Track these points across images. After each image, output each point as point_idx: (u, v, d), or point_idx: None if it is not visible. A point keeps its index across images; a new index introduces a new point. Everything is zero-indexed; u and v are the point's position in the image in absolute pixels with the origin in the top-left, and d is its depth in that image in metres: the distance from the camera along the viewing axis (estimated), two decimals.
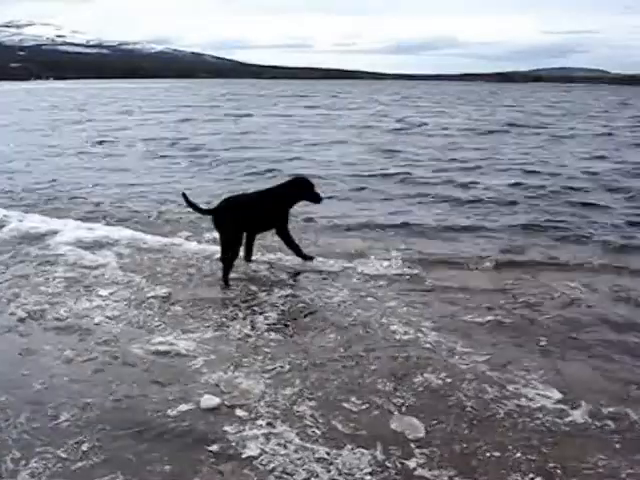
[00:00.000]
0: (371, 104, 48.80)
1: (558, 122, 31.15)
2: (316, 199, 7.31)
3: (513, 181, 13.60)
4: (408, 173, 14.60)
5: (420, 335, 5.42)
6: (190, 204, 6.90)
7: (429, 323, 5.68)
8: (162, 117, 32.96)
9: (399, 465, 3.64)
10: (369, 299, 6.28)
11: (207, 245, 7.94)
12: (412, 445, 3.84)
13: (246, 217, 6.79)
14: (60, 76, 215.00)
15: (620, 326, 5.79)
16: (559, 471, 3.62)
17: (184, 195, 6.89)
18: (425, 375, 4.72)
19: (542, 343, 5.37)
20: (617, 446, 3.89)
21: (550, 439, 3.95)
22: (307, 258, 7.32)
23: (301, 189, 7.21)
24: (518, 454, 3.78)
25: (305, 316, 5.88)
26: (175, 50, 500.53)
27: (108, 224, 9.22)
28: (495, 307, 6.14)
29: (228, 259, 6.63)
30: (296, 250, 7.30)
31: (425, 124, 29.08)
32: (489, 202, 11.59)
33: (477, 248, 8.39)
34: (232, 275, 6.67)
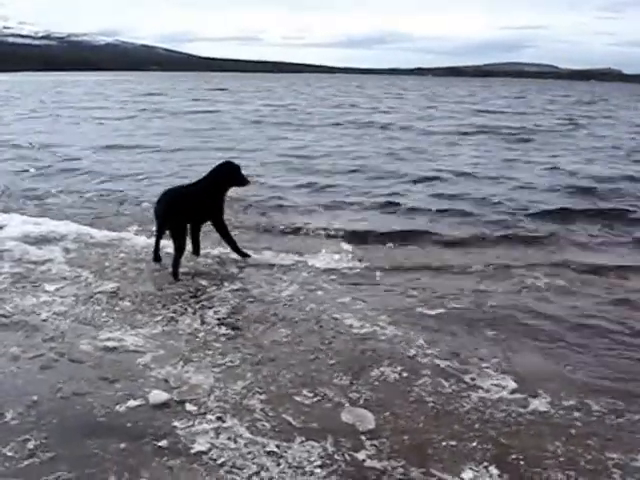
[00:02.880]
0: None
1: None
2: (243, 182, 7.19)
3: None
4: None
5: (377, 328, 5.44)
6: None
7: (384, 316, 5.70)
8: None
9: (349, 457, 3.64)
10: (320, 293, 6.28)
11: None
12: (362, 437, 3.85)
13: (186, 208, 6.74)
14: (6, 69, 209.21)
15: (567, 314, 5.96)
16: (521, 462, 3.66)
17: None
18: (381, 368, 4.74)
19: (493, 332, 5.46)
20: (573, 432, 3.96)
21: (507, 429, 4.00)
22: (243, 254, 7.25)
23: (230, 174, 7.10)
24: (474, 443, 3.82)
25: (256, 310, 5.85)
26: (125, 42, 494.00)
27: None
28: (446, 298, 6.21)
29: (177, 251, 6.56)
30: (232, 244, 7.26)
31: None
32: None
33: (423, 242, 8.56)
34: (181, 269, 6.60)
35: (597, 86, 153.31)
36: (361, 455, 3.68)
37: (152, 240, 7.34)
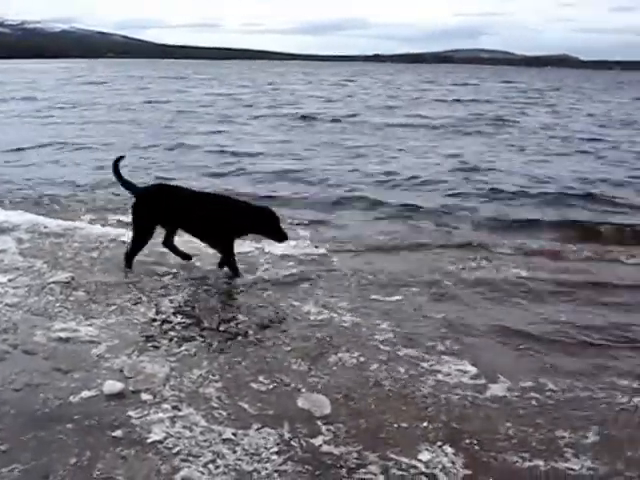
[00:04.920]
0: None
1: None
2: (281, 237, 6.51)
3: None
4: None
5: (334, 315, 5.46)
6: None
7: (342, 302, 5.72)
8: None
9: (305, 443, 3.64)
10: (278, 280, 6.27)
11: (111, 228, 7.77)
12: (319, 422, 3.85)
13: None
14: None
15: (521, 297, 6.09)
16: (475, 445, 3.69)
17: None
18: (339, 354, 4.76)
19: (452, 318, 5.50)
20: (526, 414, 4.02)
21: (464, 412, 4.04)
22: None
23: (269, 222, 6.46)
24: (429, 426, 3.84)
25: (212, 298, 5.81)
26: (80, 29, 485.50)
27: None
28: (403, 284, 6.25)
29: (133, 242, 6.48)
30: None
31: None
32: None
33: (379, 229, 8.62)
34: (137, 258, 6.53)
35: (551, 72, 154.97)
36: (317, 441, 3.68)
37: (107, 229, 7.25)
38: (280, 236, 6.37)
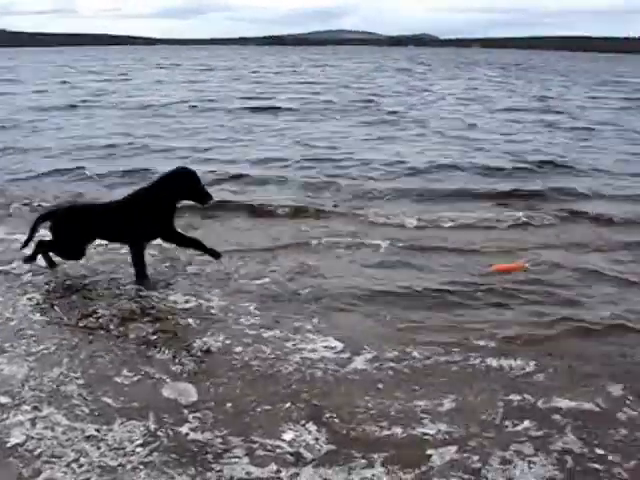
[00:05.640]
0: None
1: None
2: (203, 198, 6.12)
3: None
4: None
5: (202, 302, 5.47)
6: None
7: (209, 290, 5.72)
8: None
9: (171, 432, 3.63)
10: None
11: None
12: (185, 411, 3.85)
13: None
14: None
15: (385, 271, 6.34)
16: (335, 419, 3.79)
17: None
18: (204, 339, 4.78)
19: (318, 299, 5.61)
20: (385, 386, 4.17)
21: (326, 388, 4.14)
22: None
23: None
24: (293, 405, 3.92)
25: (73, 294, 5.65)
26: None
27: None
28: (270, 267, 6.36)
29: None
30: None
31: None
32: None
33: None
34: None
35: (412, 51, 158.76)
36: (184, 429, 3.68)
37: None
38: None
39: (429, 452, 3.52)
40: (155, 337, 4.82)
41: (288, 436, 3.62)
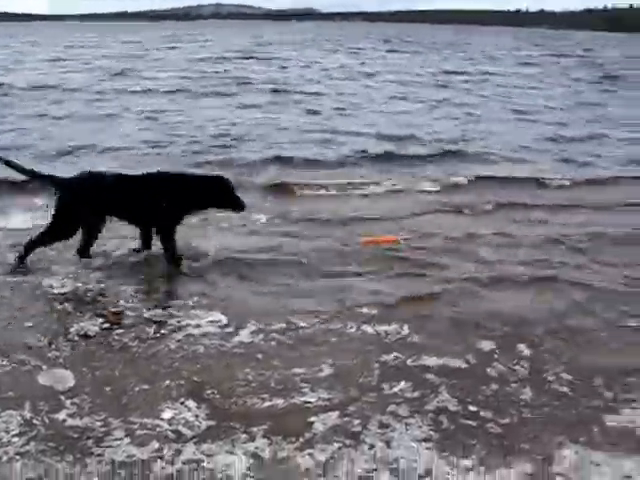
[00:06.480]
0: None
1: None
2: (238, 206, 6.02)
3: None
4: None
5: (79, 285, 5.35)
6: None
7: (88, 272, 5.58)
8: None
9: (48, 420, 3.57)
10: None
11: None
12: (62, 397, 3.79)
13: None
14: None
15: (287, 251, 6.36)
16: (216, 394, 3.83)
17: None
18: (82, 324, 4.68)
19: (206, 274, 5.64)
20: (264, 357, 4.25)
21: (205, 363, 4.17)
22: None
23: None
24: (172, 383, 3.92)
25: None
26: None
27: None
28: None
29: None
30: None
31: None
32: None
33: None
34: None
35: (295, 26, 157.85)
36: (61, 415, 3.62)
37: None
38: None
39: (311, 419, 3.62)
40: (30, 324, 4.68)
41: (167, 414, 3.63)
